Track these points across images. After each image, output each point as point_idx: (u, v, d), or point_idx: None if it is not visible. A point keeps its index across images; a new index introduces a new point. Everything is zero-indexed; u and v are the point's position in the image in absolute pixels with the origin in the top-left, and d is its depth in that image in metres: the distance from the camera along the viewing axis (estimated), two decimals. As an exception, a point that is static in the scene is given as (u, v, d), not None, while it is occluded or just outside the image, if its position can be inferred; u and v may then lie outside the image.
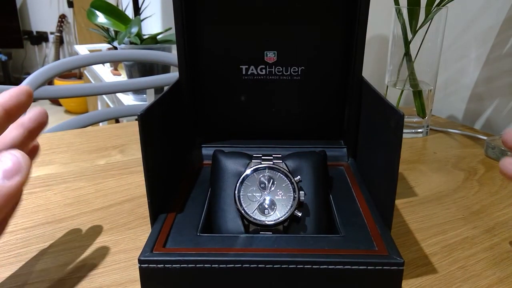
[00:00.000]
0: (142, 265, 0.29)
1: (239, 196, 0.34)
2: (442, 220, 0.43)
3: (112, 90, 1.02)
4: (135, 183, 0.51)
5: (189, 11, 0.43)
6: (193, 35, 0.44)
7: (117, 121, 1.42)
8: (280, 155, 0.37)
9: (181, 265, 0.29)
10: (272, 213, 0.33)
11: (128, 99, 1.33)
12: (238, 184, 0.34)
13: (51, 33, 3.57)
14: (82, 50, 1.83)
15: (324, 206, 0.37)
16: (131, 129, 0.70)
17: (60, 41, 3.46)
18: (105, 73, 1.53)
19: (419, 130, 0.68)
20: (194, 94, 0.46)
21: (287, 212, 0.33)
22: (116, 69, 1.56)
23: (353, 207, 0.37)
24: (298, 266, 0.29)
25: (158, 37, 1.26)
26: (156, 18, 1.94)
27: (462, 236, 0.40)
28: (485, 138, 0.63)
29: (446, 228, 0.42)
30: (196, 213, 0.36)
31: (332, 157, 0.45)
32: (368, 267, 0.29)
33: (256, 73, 0.46)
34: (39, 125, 0.31)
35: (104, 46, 1.81)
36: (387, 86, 0.69)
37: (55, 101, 3.34)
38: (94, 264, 0.36)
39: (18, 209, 0.32)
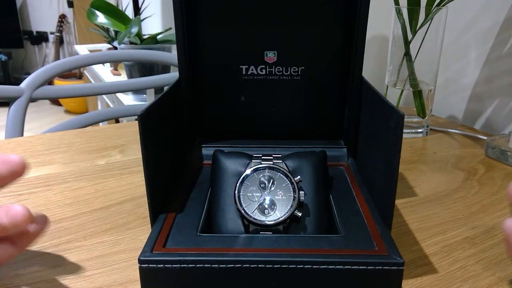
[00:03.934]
0: (142, 265, 0.29)
1: (239, 196, 0.34)
2: (442, 220, 0.43)
3: (112, 90, 1.02)
4: (135, 183, 0.51)
5: (189, 11, 0.43)
6: (193, 35, 0.44)
7: (117, 121, 1.42)
8: (280, 155, 0.37)
9: (181, 265, 0.29)
10: (272, 213, 0.33)
11: (128, 99, 1.33)
12: (238, 184, 0.34)
13: (51, 33, 3.57)
14: (82, 50, 1.83)
15: (324, 206, 0.37)
16: (131, 129, 0.70)
17: (60, 41, 3.46)
18: (105, 73, 1.52)
19: (419, 130, 0.68)
20: (194, 94, 0.46)
21: (287, 212, 0.33)
22: (116, 69, 1.56)
23: (353, 207, 0.37)
24: (298, 266, 0.29)
25: (158, 37, 1.26)
26: (156, 18, 1.94)
27: (462, 236, 0.40)
28: (485, 138, 0.63)
29: (446, 228, 0.42)
30: (196, 213, 0.36)
31: (332, 157, 0.45)
32: (368, 267, 0.29)
33: (256, 73, 0.46)
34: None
35: (104, 46, 1.81)
36: (387, 86, 0.69)
37: (55, 101, 3.35)
38: (94, 264, 0.36)
39: None
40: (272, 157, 0.36)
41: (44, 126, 2.73)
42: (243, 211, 0.33)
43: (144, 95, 1.29)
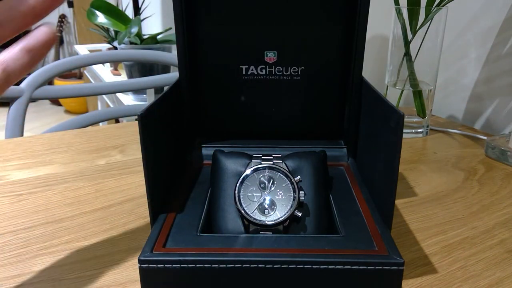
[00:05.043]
0: (142, 265, 0.29)
1: (239, 196, 0.34)
2: (442, 220, 0.43)
3: (112, 90, 1.02)
4: (135, 183, 0.51)
5: (189, 11, 0.43)
6: (193, 35, 0.44)
7: (117, 121, 1.42)
8: (280, 155, 0.37)
9: (181, 265, 0.29)
10: (272, 213, 0.33)
11: (128, 99, 1.33)
12: (238, 184, 0.34)
13: (51, 33, 3.57)
14: (82, 50, 1.83)
15: (324, 206, 0.37)
16: (131, 129, 0.70)
17: (60, 41, 3.46)
18: (105, 73, 1.53)
19: (419, 130, 0.68)
20: (194, 94, 0.46)
21: (287, 212, 0.33)
22: (116, 69, 1.56)
23: (353, 207, 0.37)
24: (298, 266, 0.29)
25: (158, 37, 1.26)
26: (156, 18, 1.94)
27: (462, 236, 0.40)
28: (485, 138, 0.63)
29: (446, 228, 0.42)
30: (196, 213, 0.36)
31: (332, 157, 0.45)
32: (368, 267, 0.29)
33: (256, 73, 0.46)
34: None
35: (104, 46, 1.81)
36: (387, 86, 0.69)
37: (55, 101, 3.34)
38: (94, 264, 0.36)
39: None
40: (272, 157, 0.36)
41: (44, 126, 2.73)
42: (243, 211, 0.33)
43: (144, 95, 1.29)
